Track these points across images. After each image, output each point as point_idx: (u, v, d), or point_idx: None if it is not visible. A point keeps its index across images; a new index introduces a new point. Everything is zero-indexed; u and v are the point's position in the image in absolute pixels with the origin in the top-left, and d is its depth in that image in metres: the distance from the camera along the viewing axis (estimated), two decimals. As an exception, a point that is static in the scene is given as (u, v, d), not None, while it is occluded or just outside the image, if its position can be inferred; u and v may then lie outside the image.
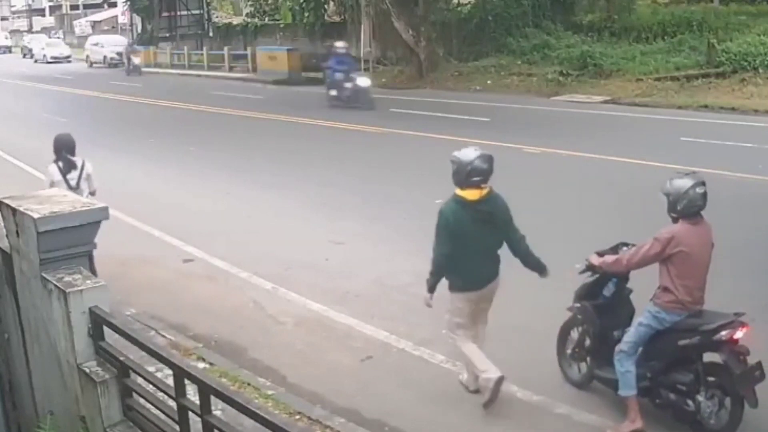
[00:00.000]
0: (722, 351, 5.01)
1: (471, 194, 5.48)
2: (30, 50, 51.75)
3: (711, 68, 21.00)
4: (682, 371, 5.15)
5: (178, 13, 42.12)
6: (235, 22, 40.78)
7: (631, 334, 5.22)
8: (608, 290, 5.60)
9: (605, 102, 20.15)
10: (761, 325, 6.58)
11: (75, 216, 4.88)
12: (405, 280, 7.87)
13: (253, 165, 14.02)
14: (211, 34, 41.38)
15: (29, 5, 73.94)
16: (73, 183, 7.21)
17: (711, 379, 5.09)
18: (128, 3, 45.91)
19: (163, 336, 6.74)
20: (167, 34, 42.16)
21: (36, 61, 47.96)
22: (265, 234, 9.74)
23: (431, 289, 5.69)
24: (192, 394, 4.08)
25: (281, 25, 36.44)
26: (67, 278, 4.75)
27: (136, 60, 36.81)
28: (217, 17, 43.12)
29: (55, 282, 4.71)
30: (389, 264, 8.41)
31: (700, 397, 5.07)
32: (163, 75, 36.42)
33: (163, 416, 4.33)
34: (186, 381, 4.04)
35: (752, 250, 8.50)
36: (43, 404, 5.40)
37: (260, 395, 5.59)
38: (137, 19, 46.06)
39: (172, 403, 4.19)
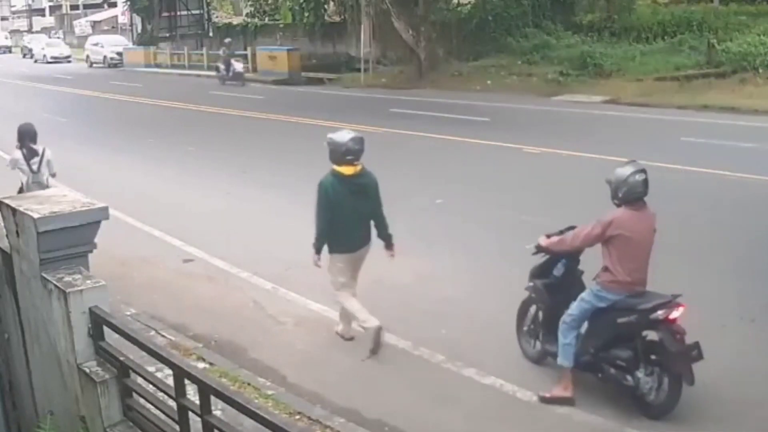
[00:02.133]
0: (659, 330, 5.27)
1: (347, 170, 6.35)
2: (30, 50, 51.73)
3: (711, 68, 21.02)
4: (622, 348, 5.41)
5: (178, 13, 42.11)
6: (235, 22, 40.77)
7: (573, 309, 5.52)
8: (558, 270, 5.91)
9: (605, 102, 20.14)
10: (761, 325, 6.61)
11: (75, 216, 4.88)
12: (405, 280, 7.87)
13: (253, 165, 14.01)
14: (211, 34, 41.37)
15: (29, 5, 73.93)
16: (35, 167, 8.33)
17: (652, 357, 5.32)
18: (128, 3, 45.91)
19: (163, 336, 6.73)
20: (167, 34, 42.14)
21: (36, 61, 47.94)
22: (265, 234, 9.74)
23: (317, 251, 6.53)
24: (192, 394, 4.08)
25: (281, 25, 36.45)
26: (67, 278, 4.75)
27: (239, 66, 29.36)
28: (217, 17, 43.11)
29: (55, 282, 4.70)
30: (389, 264, 8.39)
31: (639, 374, 5.31)
32: (163, 75, 36.40)
33: (163, 416, 4.33)
34: (186, 381, 4.04)
35: (752, 250, 8.50)
36: (43, 404, 5.39)
37: (260, 395, 5.59)
38: (137, 19, 46.05)
39: (172, 403, 4.19)
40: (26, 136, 8.39)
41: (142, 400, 4.55)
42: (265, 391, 5.73)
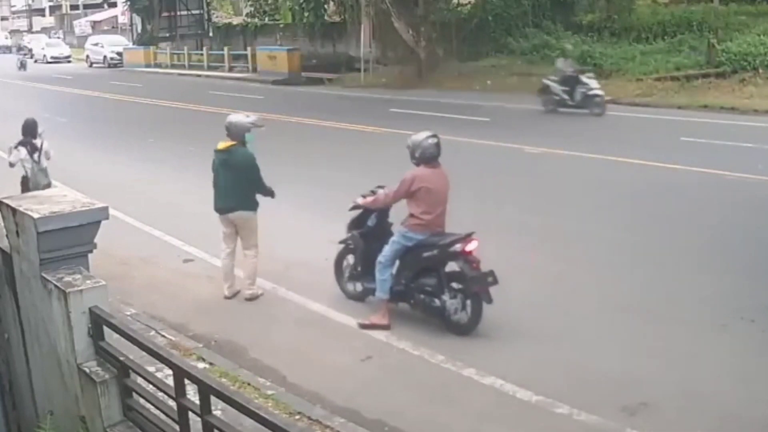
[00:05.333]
0: (457, 260, 6.48)
1: (220, 145, 7.69)
2: (30, 50, 51.75)
3: (711, 68, 21.03)
4: (428, 277, 6.60)
5: (178, 13, 42.12)
6: (235, 22, 40.81)
7: (386, 250, 6.70)
8: (371, 221, 7.14)
9: (605, 102, 20.12)
10: (761, 325, 6.60)
11: (75, 216, 4.87)
12: (405, 280, 7.85)
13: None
14: (211, 34, 41.40)
15: (29, 5, 73.95)
16: (36, 158, 9.31)
17: (455, 285, 6.47)
18: (128, 3, 45.92)
19: (163, 336, 6.74)
20: (167, 34, 42.15)
21: (36, 62, 47.95)
22: (264, 234, 9.69)
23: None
24: (192, 394, 4.08)
25: (281, 25, 36.48)
26: (67, 278, 4.74)
27: (594, 84, 18.60)
28: (217, 17, 43.13)
29: (55, 282, 4.70)
30: (389, 264, 8.39)
31: (444, 297, 6.49)
32: (163, 75, 36.41)
33: (163, 416, 4.33)
34: (186, 381, 4.04)
35: (752, 250, 8.51)
36: (43, 404, 5.39)
37: (260, 395, 5.59)
38: (137, 19, 46.07)
39: (172, 403, 4.19)
40: (29, 131, 9.31)
41: (142, 400, 4.55)
42: (265, 391, 5.73)
